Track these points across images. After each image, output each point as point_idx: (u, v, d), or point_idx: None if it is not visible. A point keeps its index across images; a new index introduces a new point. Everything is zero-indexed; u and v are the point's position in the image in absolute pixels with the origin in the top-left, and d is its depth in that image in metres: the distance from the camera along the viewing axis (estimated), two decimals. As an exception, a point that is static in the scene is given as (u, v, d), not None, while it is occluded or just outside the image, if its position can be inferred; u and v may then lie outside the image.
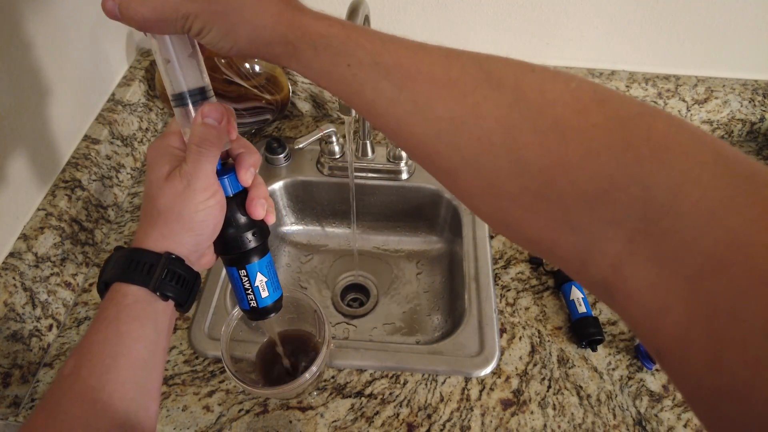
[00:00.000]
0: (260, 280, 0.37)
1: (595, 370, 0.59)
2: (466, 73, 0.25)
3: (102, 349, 0.30)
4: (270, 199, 0.37)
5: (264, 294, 0.38)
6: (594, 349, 0.60)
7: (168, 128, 0.35)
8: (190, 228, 0.32)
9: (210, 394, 0.56)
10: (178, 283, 0.33)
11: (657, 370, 0.59)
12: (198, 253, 0.34)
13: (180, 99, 0.33)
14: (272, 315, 0.40)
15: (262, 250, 0.37)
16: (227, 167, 0.35)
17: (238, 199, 0.35)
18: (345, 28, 0.28)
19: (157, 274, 0.32)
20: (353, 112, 0.53)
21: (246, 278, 0.37)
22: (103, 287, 0.33)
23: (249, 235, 0.36)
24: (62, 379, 0.29)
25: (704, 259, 0.18)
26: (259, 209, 0.35)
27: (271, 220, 0.37)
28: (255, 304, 0.38)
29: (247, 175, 0.35)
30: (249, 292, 0.38)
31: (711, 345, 0.18)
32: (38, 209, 0.61)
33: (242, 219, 0.35)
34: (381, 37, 0.27)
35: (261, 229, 0.37)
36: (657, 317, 0.19)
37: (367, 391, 0.57)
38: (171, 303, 0.33)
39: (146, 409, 0.31)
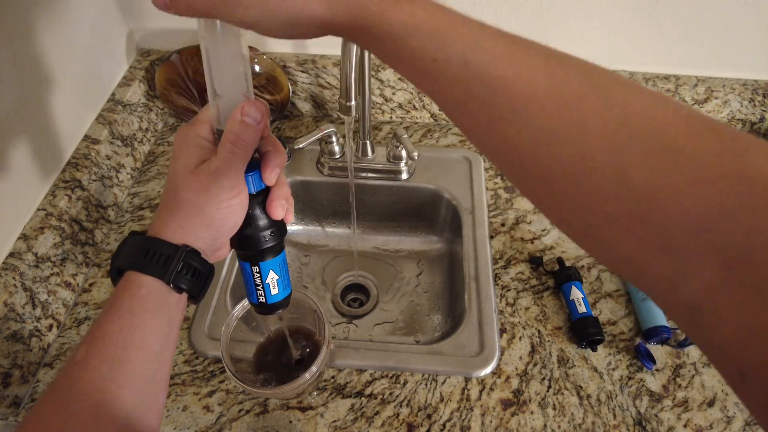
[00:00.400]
0: (272, 277, 0.38)
1: (595, 370, 0.59)
2: (570, 82, 0.24)
3: (114, 340, 0.29)
4: (291, 199, 0.36)
5: (274, 291, 0.39)
6: (594, 349, 0.60)
7: (198, 116, 0.34)
8: (210, 224, 0.32)
9: (210, 394, 0.56)
10: (193, 276, 0.32)
11: (657, 370, 0.59)
12: (214, 247, 0.34)
13: (217, 94, 0.33)
14: (279, 311, 0.40)
15: (278, 249, 0.37)
16: (252, 164, 0.34)
17: (260, 198, 0.35)
18: (431, 16, 0.25)
19: (173, 267, 0.31)
20: (353, 112, 0.53)
21: (258, 275, 0.37)
22: (116, 273, 0.33)
23: (266, 234, 0.36)
24: (73, 366, 0.29)
25: None
26: (279, 210, 0.35)
27: (289, 220, 0.37)
28: (263, 300, 0.39)
29: (272, 176, 0.34)
30: (259, 288, 0.38)
31: None
32: (38, 209, 0.61)
33: (262, 218, 0.36)
34: (473, 29, 0.25)
35: (279, 228, 0.37)
36: (748, 337, 0.19)
37: (367, 391, 0.57)
38: (185, 295, 0.33)
39: (155, 401, 0.31)
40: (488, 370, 0.58)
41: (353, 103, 0.52)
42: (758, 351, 0.19)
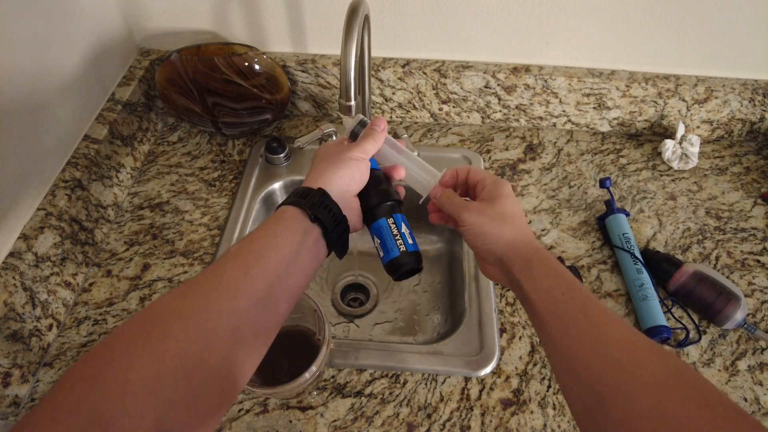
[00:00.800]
0: (405, 229, 0.46)
1: (595, 369, 0.58)
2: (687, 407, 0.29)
3: (260, 240, 0.37)
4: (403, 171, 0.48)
5: (410, 241, 0.45)
6: (594, 349, 0.60)
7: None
8: (343, 168, 0.43)
9: (210, 393, 0.56)
10: (326, 210, 0.40)
11: (657, 369, 0.59)
12: (344, 197, 0.42)
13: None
14: (418, 264, 0.46)
15: (400, 205, 0.47)
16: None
17: (378, 174, 0.47)
18: (568, 296, 0.36)
19: (310, 199, 0.40)
20: (353, 112, 0.53)
21: (394, 225, 0.45)
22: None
23: (392, 191, 0.46)
24: (229, 254, 0.36)
25: None
26: (400, 172, 0.47)
27: (401, 176, 0.48)
28: (404, 249, 0.45)
29: (395, 172, 0.48)
30: (398, 237, 0.45)
31: None
32: (38, 209, 0.61)
33: (386, 181, 0.47)
34: (585, 293, 0.36)
35: (398, 193, 0.47)
36: None
37: (367, 391, 0.57)
38: (318, 229, 0.40)
39: (278, 300, 0.36)
40: (488, 369, 0.58)
41: (353, 102, 0.52)
42: None
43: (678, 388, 0.29)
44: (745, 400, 0.56)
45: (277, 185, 0.79)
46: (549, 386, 0.57)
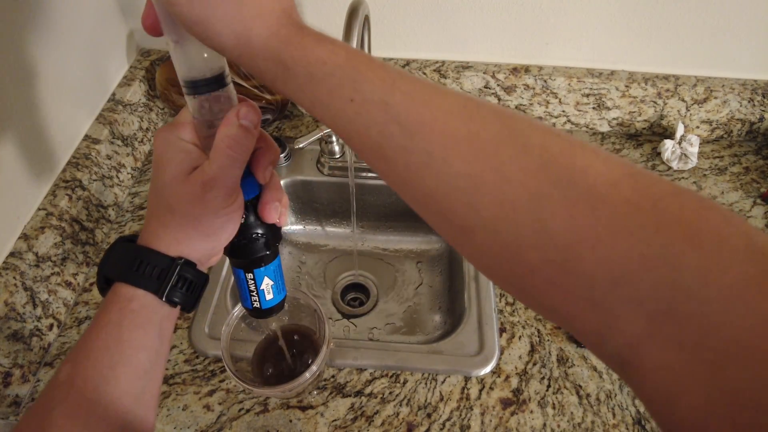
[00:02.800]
0: (266, 283, 0.37)
1: (595, 369, 0.59)
2: (487, 128, 0.23)
3: (101, 357, 0.28)
4: (285, 200, 0.34)
5: (268, 297, 0.38)
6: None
7: (179, 117, 0.32)
8: (207, 235, 0.31)
9: (210, 393, 0.56)
10: (188, 289, 0.31)
11: (656, 369, 0.59)
12: (209, 256, 0.33)
13: (194, 86, 0.30)
14: (274, 315, 0.40)
15: (272, 255, 0.36)
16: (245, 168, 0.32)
17: (254, 203, 0.33)
18: (351, 56, 0.25)
19: (168, 281, 0.30)
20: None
21: (252, 281, 0.36)
22: (104, 283, 0.31)
23: (261, 242, 0.34)
24: (56, 386, 0.27)
25: (729, 345, 0.18)
26: (273, 213, 0.33)
27: (283, 223, 0.35)
28: (258, 306, 0.38)
29: (266, 173, 0.32)
30: (254, 293, 0.37)
31: (729, 431, 0.17)
32: (39, 209, 0.61)
33: (256, 225, 0.34)
34: (391, 72, 0.25)
35: (274, 233, 0.35)
36: (673, 400, 0.19)
37: (367, 391, 0.57)
38: (177, 308, 0.32)
39: (142, 422, 0.29)
40: (488, 369, 0.58)
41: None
42: (683, 418, 0.18)
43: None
44: (745, 399, 0.56)
45: (277, 185, 0.79)
46: (548, 386, 0.57)
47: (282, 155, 0.79)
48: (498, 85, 0.81)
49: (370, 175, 0.79)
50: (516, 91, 0.81)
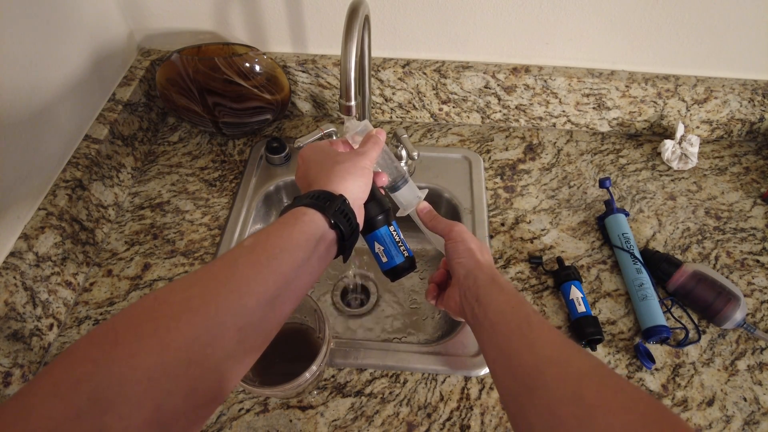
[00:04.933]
0: (401, 236, 0.49)
1: (595, 369, 0.59)
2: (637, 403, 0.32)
3: (274, 240, 0.37)
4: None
5: (409, 245, 0.50)
6: (593, 349, 0.60)
7: (336, 142, 0.51)
8: (359, 177, 0.44)
9: (210, 393, 0.56)
10: (346, 219, 0.41)
11: (656, 369, 0.59)
12: (357, 203, 0.44)
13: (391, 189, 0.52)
14: (413, 270, 0.51)
15: (394, 214, 0.51)
16: None
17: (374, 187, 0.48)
18: (509, 296, 0.43)
19: (333, 206, 0.40)
20: (354, 112, 0.53)
21: (395, 233, 0.48)
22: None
23: (386, 199, 0.49)
24: (242, 248, 0.36)
25: None
26: (383, 178, 0.51)
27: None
28: (407, 254, 0.49)
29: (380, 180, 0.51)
30: (400, 244, 0.49)
31: None
32: (39, 209, 0.61)
33: (377, 190, 0.49)
34: (530, 308, 0.42)
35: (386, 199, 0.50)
36: None
37: (367, 391, 0.57)
38: (334, 236, 0.40)
39: (283, 304, 0.36)
40: (488, 369, 0.58)
41: (353, 102, 0.52)
42: None
43: (597, 377, 0.33)
44: (745, 399, 0.56)
45: (277, 185, 0.79)
46: (549, 386, 0.57)
47: (282, 155, 0.79)
48: (498, 84, 0.81)
49: (370, 175, 0.79)
50: (516, 90, 0.81)
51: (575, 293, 0.62)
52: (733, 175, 0.80)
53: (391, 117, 0.88)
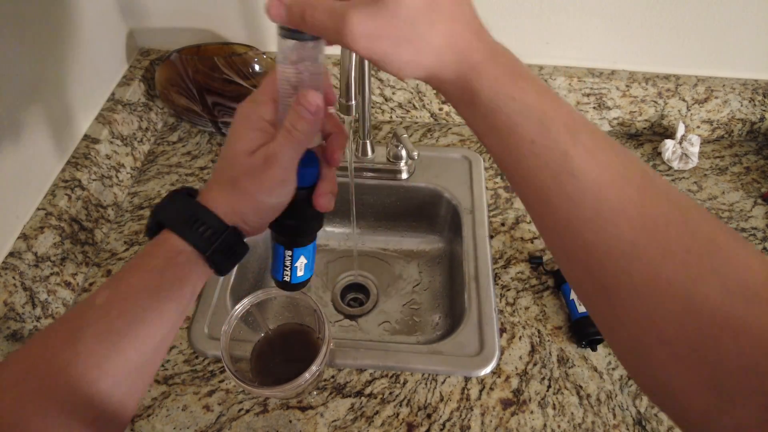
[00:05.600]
0: (301, 261, 0.40)
1: (595, 369, 0.59)
2: (660, 203, 0.24)
3: (137, 297, 0.29)
4: (336, 189, 0.36)
5: (300, 273, 0.41)
6: (594, 349, 0.60)
7: (263, 92, 0.33)
8: (258, 212, 0.33)
9: (210, 393, 0.56)
10: (230, 258, 0.33)
11: (657, 369, 0.59)
12: (255, 231, 0.35)
13: (297, 31, 0.29)
14: (298, 290, 0.43)
15: (313, 237, 0.39)
16: (309, 155, 0.34)
17: (310, 191, 0.35)
18: (541, 97, 0.26)
19: (218, 245, 0.31)
20: (354, 111, 0.53)
21: (289, 258, 0.39)
22: (156, 226, 0.32)
23: (308, 226, 0.38)
24: (92, 308, 0.29)
25: None
26: (327, 205, 0.35)
27: (330, 209, 0.37)
28: (288, 279, 0.41)
29: (337, 157, 0.35)
30: (287, 268, 0.40)
31: None
32: (38, 209, 0.61)
33: (307, 210, 0.36)
34: (576, 120, 0.26)
35: (319, 219, 0.38)
36: None
37: (367, 391, 0.57)
38: (212, 271, 0.33)
39: (151, 366, 0.31)
40: (488, 369, 0.58)
41: (353, 102, 0.52)
42: None
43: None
44: (745, 400, 0.56)
45: (277, 185, 0.79)
46: (549, 386, 0.57)
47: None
48: (498, 84, 0.80)
49: (370, 174, 0.79)
50: (516, 90, 0.81)
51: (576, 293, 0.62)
52: (733, 175, 0.80)
53: (391, 117, 0.88)
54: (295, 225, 0.37)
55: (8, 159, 0.57)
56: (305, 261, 0.40)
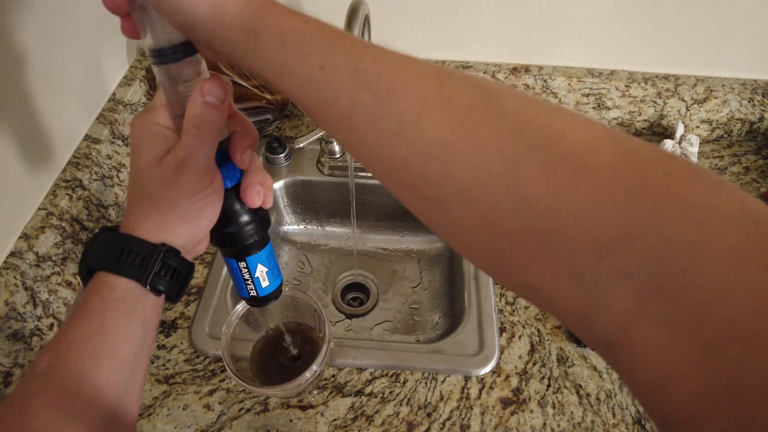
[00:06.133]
0: (260, 270, 0.36)
1: (595, 369, 0.59)
2: (460, 92, 0.22)
3: (83, 347, 0.27)
4: (268, 182, 0.33)
5: (264, 284, 0.37)
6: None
7: (154, 102, 0.31)
8: (187, 219, 0.30)
9: (211, 392, 0.56)
10: (172, 277, 0.30)
11: (656, 368, 0.59)
12: (193, 243, 0.32)
13: (161, 55, 0.28)
14: (272, 302, 0.39)
15: (263, 241, 0.35)
16: (223, 151, 0.32)
17: (236, 190, 0.32)
18: (322, 26, 0.24)
19: (151, 268, 0.29)
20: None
21: (246, 270, 0.36)
22: (86, 273, 0.30)
23: (249, 229, 0.34)
24: (34, 377, 0.26)
25: (725, 324, 0.16)
26: (255, 197, 0.32)
27: (267, 205, 0.34)
28: (255, 294, 0.37)
29: (244, 158, 0.32)
30: (249, 282, 0.36)
31: (730, 422, 0.16)
32: (39, 209, 0.61)
33: (241, 211, 0.33)
34: (362, 41, 0.24)
35: (261, 219, 0.34)
36: (666, 385, 0.17)
37: (367, 390, 0.57)
38: (162, 297, 0.31)
39: (125, 413, 0.28)
40: (488, 368, 0.58)
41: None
42: (677, 404, 0.17)
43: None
44: (744, 399, 0.56)
45: (277, 185, 0.79)
46: (548, 385, 0.57)
47: (282, 155, 0.79)
48: (498, 84, 0.81)
49: (370, 174, 0.79)
50: (516, 90, 0.81)
51: (575, 293, 0.62)
52: (733, 175, 0.80)
53: (391, 117, 0.88)
54: (234, 232, 0.33)
55: (9, 159, 0.57)
56: (265, 269, 0.37)
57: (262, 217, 0.35)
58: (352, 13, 0.51)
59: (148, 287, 0.29)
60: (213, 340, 0.60)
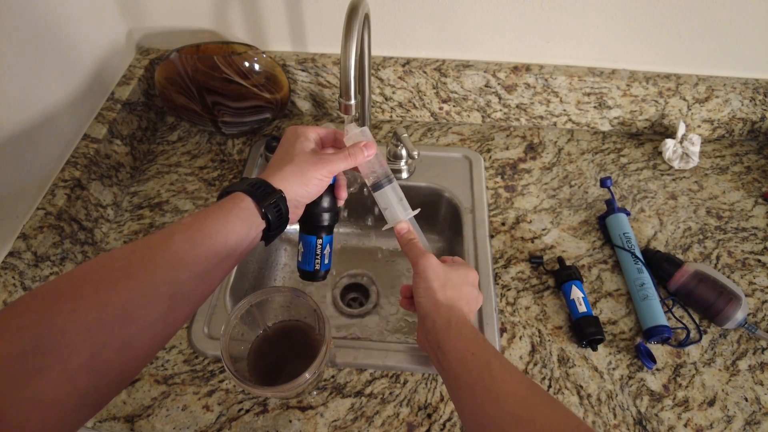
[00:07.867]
0: (327, 250, 0.51)
1: (596, 369, 0.58)
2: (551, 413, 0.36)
3: (212, 223, 0.39)
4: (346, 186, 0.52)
5: (326, 261, 0.51)
6: (594, 349, 0.60)
7: (313, 127, 0.50)
8: (305, 184, 0.45)
9: (210, 393, 0.56)
10: (277, 214, 0.43)
11: (657, 369, 0.58)
12: (294, 204, 0.45)
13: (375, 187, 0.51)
14: (323, 280, 0.53)
15: (333, 227, 0.51)
16: None
17: (332, 187, 0.50)
18: (480, 349, 0.42)
19: (269, 199, 0.42)
20: (353, 110, 0.53)
21: (320, 246, 0.50)
22: (225, 194, 0.44)
23: (333, 214, 0.50)
24: (181, 225, 0.39)
25: None
26: (344, 193, 0.51)
27: (345, 197, 0.52)
28: (318, 267, 0.51)
29: (342, 194, 0.52)
30: (318, 257, 0.50)
31: None
32: (38, 208, 0.61)
33: (332, 202, 0.50)
34: (495, 355, 0.42)
35: (338, 212, 0.51)
36: None
37: (367, 391, 0.57)
38: (264, 225, 0.43)
39: (212, 279, 0.39)
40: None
41: (353, 101, 0.52)
42: None
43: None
44: (746, 399, 0.56)
45: (276, 184, 0.79)
46: (549, 386, 0.57)
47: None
48: (499, 83, 0.80)
49: (370, 174, 0.78)
50: (517, 89, 0.81)
51: (576, 293, 0.62)
52: (734, 175, 0.80)
53: (391, 116, 0.88)
54: (324, 212, 0.49)
55: (8, 158, 0.57)
56: (329, 250, 0.51)
57: (338, 211, 0.51)
58: (352, 12, 0.51)
59: (263, 209, 0.42)
60: (212, 341, 0.60)
